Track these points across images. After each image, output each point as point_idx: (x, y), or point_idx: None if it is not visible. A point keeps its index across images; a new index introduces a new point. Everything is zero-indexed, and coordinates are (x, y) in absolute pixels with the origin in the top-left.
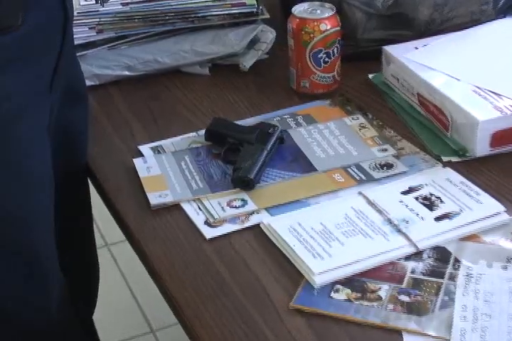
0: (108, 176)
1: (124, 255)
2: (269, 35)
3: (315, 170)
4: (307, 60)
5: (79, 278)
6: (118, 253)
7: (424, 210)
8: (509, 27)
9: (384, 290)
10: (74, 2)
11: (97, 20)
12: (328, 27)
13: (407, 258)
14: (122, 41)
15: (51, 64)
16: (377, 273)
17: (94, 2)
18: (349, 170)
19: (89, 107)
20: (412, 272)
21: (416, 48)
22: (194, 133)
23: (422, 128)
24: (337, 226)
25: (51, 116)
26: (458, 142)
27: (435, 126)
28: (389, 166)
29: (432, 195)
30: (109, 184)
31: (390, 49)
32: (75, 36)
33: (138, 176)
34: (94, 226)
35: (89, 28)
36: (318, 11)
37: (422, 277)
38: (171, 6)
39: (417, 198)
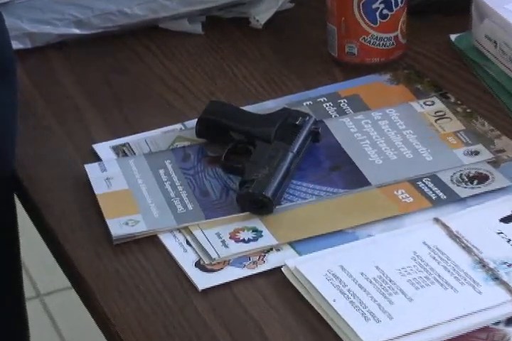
0: (46, 192)
1: (63, 308)
2: None
3: (367, 183)
4: (355, 12)
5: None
6: (55, 306)
7: None
8: None
9: None
10: None
11: None
12: None
13: (510, 321)
14: None
15: None
16: None
17: None
18: (420, 184)
19: (18, 85)
20: None
21: None
22: (180, 126)
23: None
24: (401, 272)
25: None
26: None
27: None
28: (482, 179)
29: None
30: (48, 204)
31: None
32: None
33: (92, 192)
34: (23, 270)
35: None
36: None
37: None
38: None
39: None
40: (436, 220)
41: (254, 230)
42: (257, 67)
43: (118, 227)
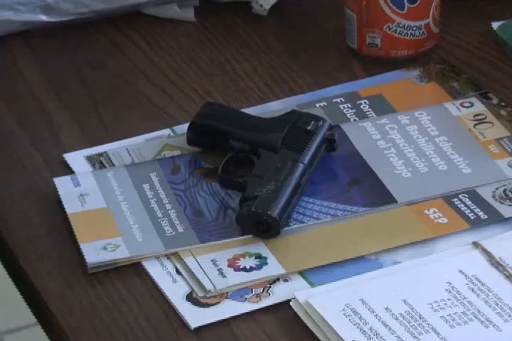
0: (7, 211)
1: None
2: None
3: (392, 200)
4: None
5: None
6: None
7: None
8: None
9: None
10: None
11: None
12: None
13: None
14: None
15: None
16: None
17: None
18: (456, 201)
19: None
20: None
21: None
22: (168, 131)
23: None
24: (433, 307)
25: None
26: None
27: None
28: None
29: None
30: (10, 225)
31: None
32: None
33: (63, 211)
34: None
35: None
36: None
37: None
38: None
39: None
40: (476, 245)
41: (258, 256)
42: (261, 61)
43: (94, 253)
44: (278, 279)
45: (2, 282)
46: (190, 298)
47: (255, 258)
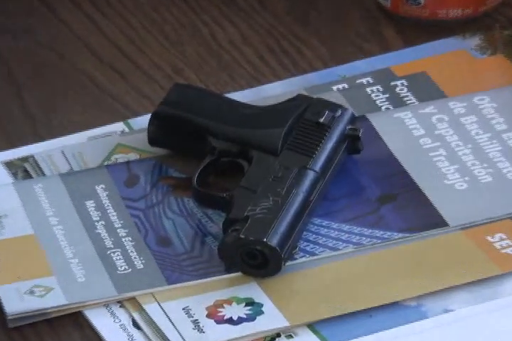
0: None
1: None
2: None
3: (441, 223)
4: None
5: None
6: None
7: None
8: None
9: None
10: None
11: None
12: None
13: None
14: None
15: None
16: None
17: None
18: None
19: None
20: None
21: None
22: (121, 126)
23: None
24: None
25: None
26: None
27: None
28: None
29: None
30: None
31: None
32: None
33: None
34: None
35: None
36: None
37: None
38: None
39: None
40: None
41: (250, 303)
42: (254, 26)
43: (16, 299)
44: (279, 335)
45: None
46: None
47: (246, 305)
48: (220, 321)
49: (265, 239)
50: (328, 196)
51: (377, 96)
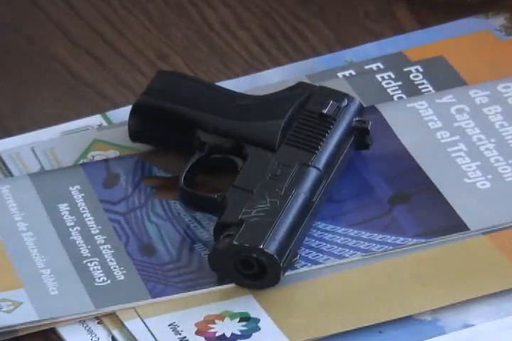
0: None
1: None
2: None
3: (461, 227)
4: None
5: None
6: None
7: None
8: None
9: None
10: None
11: None
12: None
13: None
14: None
15: None
16: None
17: None
18: None
19: None
20: None
21: None
22: (98, 120)
23: None
24: None
25: None
26: None
27: None
28: None
29: None
30: None
31: None
32: None
33: None
34: None
35: None
36: None
37: None
38: None
39: None
40: None
41: (245, 318)
42: (249, 5)
43: None
44: None
45: None
46: None
47: (240, 320)
48: (211, 338)
49: (262, 246)
50: (334, 197)
51: (388, 83)
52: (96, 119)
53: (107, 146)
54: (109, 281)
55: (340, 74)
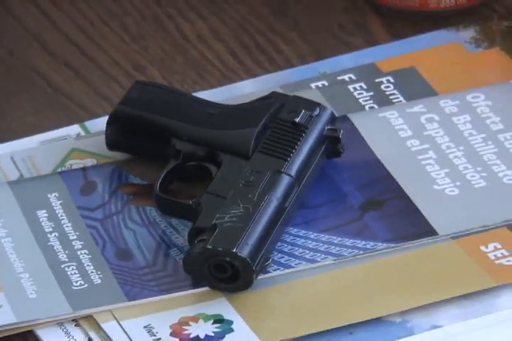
0: None
1: None
2: None
3: (430, 232)
4: None
5: None
6: None
7: None
8: None
9: None
10: None
11: None
12: None
13: None
14: None
15: None
16: None
17: None
18: None
19: None
20: None
21: None
22: (76, 129)
23: None
24: None
25: None
26: None
27: None
28: None
29: None
30: None
31: None
32: None
33: None
34: None
35: None
36: None
37: None
38: None
39: None
40: None
41: (218, 320)
42: (224, 18)
43: None
44: None
45: None
46: None
47: (214, 322)
48: (186, 340)
49: (235, 250)
50: (306, 203)
51: (360, 94)
52: (74, 129)
53: (84, 155)
54: (86, 285)
55: (313, 85)
